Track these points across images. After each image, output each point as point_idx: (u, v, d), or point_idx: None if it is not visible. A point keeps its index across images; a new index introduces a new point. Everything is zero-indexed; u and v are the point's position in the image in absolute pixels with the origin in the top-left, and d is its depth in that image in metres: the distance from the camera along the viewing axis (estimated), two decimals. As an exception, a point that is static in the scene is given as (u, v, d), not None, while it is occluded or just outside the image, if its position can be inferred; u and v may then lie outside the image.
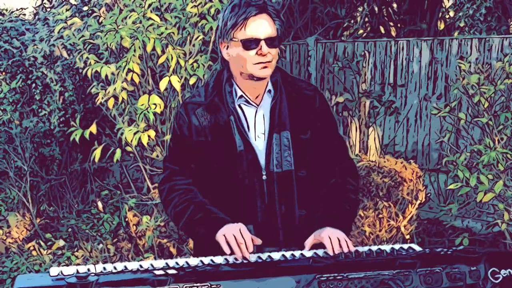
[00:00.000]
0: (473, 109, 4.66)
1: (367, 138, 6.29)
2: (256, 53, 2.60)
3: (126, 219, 5.15)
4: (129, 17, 5.18)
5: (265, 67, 2.63)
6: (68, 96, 6.55)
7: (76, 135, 5.46)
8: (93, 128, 5.49)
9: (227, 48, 2.67)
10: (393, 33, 8.85)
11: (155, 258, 4.91)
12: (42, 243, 5.39)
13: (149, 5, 5.19)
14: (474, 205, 5.00)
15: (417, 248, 2.58)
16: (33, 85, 6.52)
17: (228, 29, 2.62)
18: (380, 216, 4.47)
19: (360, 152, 5.88)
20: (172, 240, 4.98)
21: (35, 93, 6.54)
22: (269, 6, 2.63)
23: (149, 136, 5.13)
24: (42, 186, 6.72)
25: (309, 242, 2.58)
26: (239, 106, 2.71)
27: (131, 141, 5.15)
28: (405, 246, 2.62)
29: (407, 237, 4.58)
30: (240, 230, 2.50)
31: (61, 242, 5.59)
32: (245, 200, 2.68)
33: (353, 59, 7.10)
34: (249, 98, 2.71)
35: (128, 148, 5.44)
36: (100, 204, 6.21)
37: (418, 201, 4.54)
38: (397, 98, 6.96)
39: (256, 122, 2.71)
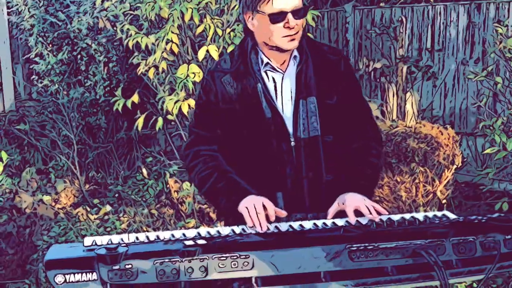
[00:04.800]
0: (510, 73, 4.46)
1: (404, 103, 6.11)
2: (284, 26, 2.49)
3: (168, 186, 5.10)
4: (167, -12, 5.07)
5: (292, 39, 2.52)
6: (112, 67, 6.50)
7: (118, 104, 5.42)
8: (135, 98, 5.44)
9: (252, 19, 2.54)
10: (431, -2, 8.56)
11: (196, 223, 4.86)
12: (88, 209, 5.38)
13: (187, -24, 5.07)
14: (511, 168, 4.82)
15: (451, 215, 2.44)
16: (79, 56, 6.48)
17: (254, 1, 2.49)
18: (416, 181, 4.33)
19: (397, 118, 5.72)
20: (212, 206, 4.91)
21: (80, 64, 6.51)
22: None
23: (189, 105, 5.05)
24: (90, 153, 6.71)
25: (332, 210, 2.48)
26: (265, 73, 2.60)
27: (172, 110, 5.08)
28: (439, 213, 2.48)
29: (444, 201, 4.43)
30: (262, 202, 2.41)
31: (108, 207, 5.57)
32: (273, 167, 2.58)
33: (390, 25, 6.88)
34: (275, 65, 2.60)
35: (170, 117, 5.37)
36: (144, 171, 6.17)
37: (455, 166, 4.38)
38: (434, 63, 6.73)
39: (283, 89, 2.61)
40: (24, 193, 5.45)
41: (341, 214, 2.49)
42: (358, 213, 2.44)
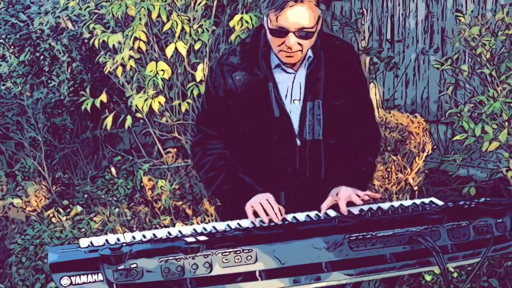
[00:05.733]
0: (475, 61, 4.53)
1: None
2: (283, 42, 2.44)
3: (142, 184, 5.06)
4: (133, -14, 5.02)
5: (290, 56, 2.48)
6: (75, 66, 6.41)
7: (87, 104, 5.35)
8: (103, 97, 5.37)
9: (265, 18, 2.49)
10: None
11: (171, 220, 4.84)
12: (61, 210, 5.30)
13: (152, -27, 5.03)
14: (477, 154, 4.91)
15: (439, 202, 2.49)
16: (41, 57, 6.37)
17: (265, 5, 2.43)
18: (389, 169, 4.38)
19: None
20: (187, 202, 4.90)
21: (43, 65, 6.40)
22: None
23: (159, 102, 5.01)
24: (56, 154, 6.62)
25: (325, 204, 2.48)
26: (277, 72, 2.56)
27: (142, 107, 5.04)
28: (426, 200, 2.53)
29: (415, 188, 4.49)
30: (267, 199, 2.41)
31: (78, 208, 5.51)
32: (277, 165, 2.57)
33: (350, 17, 6.94)
34: (286, 66, 2.56)
35: (138, 115, 5.32)
36: (113, 170, 6.12)
37: (425, 153, 4.44)
38: (395, 53, 6.81)
39: (294, 89, 2.57)
40: (-8, 197, 5.36)
41: (334, 207, 2.51)
42: (351, 205, 2.47)
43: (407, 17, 6.79)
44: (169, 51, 4.98)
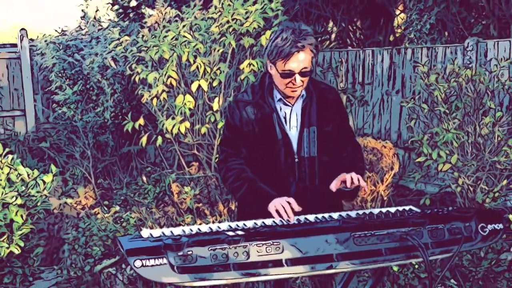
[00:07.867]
0: (432, 101, 4.60)
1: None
2: (290, 81, 2.54)
3: (171, 189, 5.05)
4: (168, 36, 5.06)
5: (295, 90, 2.58)
6: (117, 97, 6.42)
7: (128, 126, 5.35)
8: (141, 121, 5.37)
9: (270, 67, 2.59)
10: (356, 44, 8.75)
11: (192, 218, 4.83)
12: (106, 209, 5.28)
13: (183, 26, 5.08)
14: (433, 173, 4.95)
15: (417, 209, 2.52)
16: (91, 88, 6.38)
17: (272, 57, 2.53)
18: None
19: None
20: (206, 204, 4.90)
21: (92, 95, 6.40)
22: (309, 41, 2.49)
23: (185, 127, 5.03)
24: (99, 165, 6.60)
25: (333, 184, 2.52)
26: (278, 105, 2.66)
27: (171, 130, 5.05)
28: (407, 208, 2.55)
29: (385, 199, 4.53)
30: (288, 201, 2.44)
31: (117, 208, 5.48)
32: (281, 177, 2.63)
33: (331, 64, 7.02)
34: (285, 101, 2.66)
35: (167, 135, 5.33)
36: (144, 178, 6.10)
37: (394, 171, 4.49)
38: (365, 93, 6.89)
39: (291, 118, 2.67)
40: (52, 197, 5.32)
41: (332, 209, 2.55)
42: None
43: (375, 65, 6.88)
44: (194, 86, 5.02)
